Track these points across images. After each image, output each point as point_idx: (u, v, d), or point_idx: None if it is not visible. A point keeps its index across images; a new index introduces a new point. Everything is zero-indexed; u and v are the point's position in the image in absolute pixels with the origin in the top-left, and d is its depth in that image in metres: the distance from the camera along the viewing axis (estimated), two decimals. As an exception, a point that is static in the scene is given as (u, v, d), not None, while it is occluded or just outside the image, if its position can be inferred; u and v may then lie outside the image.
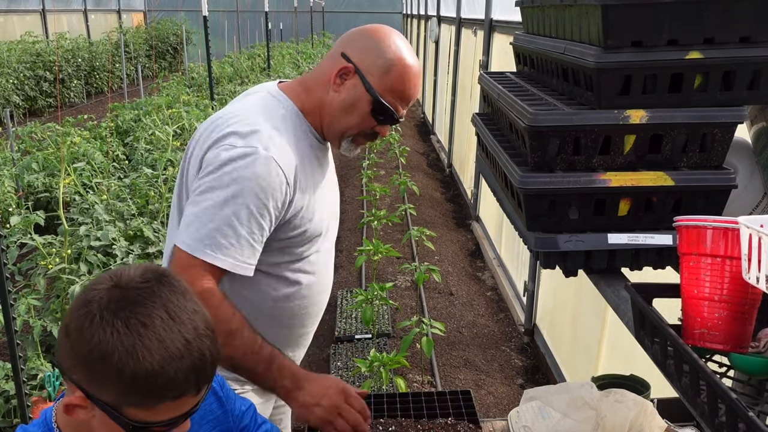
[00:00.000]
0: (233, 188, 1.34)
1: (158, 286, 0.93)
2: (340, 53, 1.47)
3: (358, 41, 1.48)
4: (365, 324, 3.55)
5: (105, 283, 0.92)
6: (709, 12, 1.21)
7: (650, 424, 1.38)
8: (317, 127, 1.52)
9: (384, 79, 1.44)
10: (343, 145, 1.53)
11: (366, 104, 1.45)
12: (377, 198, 5.99)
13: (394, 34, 1.49)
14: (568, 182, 1.28)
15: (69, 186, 4.72)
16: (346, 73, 1.45)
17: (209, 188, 1.35)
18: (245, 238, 1.36)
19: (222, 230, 1.34)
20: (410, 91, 1.48)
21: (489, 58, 5.48)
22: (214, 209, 1.34)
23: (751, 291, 0.97)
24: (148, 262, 0.99)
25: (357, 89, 1.45)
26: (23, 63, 11.98)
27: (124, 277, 0.92)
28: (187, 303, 0.94)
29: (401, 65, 1.45)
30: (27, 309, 3.12)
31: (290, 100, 1.50)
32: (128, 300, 0.90)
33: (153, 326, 0.88)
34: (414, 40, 14.53)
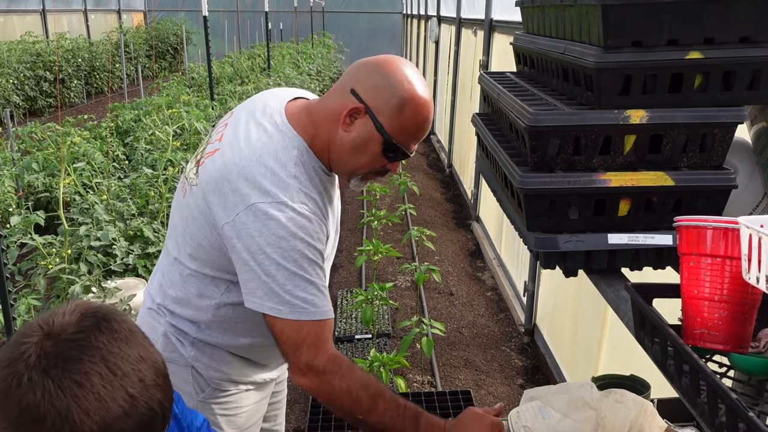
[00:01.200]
0: (284, 245, 1.33)
1: (96, 333, 0.81)
2: (350, 89, 1.41)
3: (369, 77, 1.40)
4: (365, 324, 3.55)
5: (35, 333, 0.80)
6: (709, 12, 1.21)
7: (650, 424, 1.38)
8: (326, 162, 1.48)
9: (396, 119, 1.39)
10: (353, 182, 1.51)
11: (377, 145, 1.41)
12: (377, 198, 5.99)
13: (405, 66, 1.42)
14: (568, 182, 1.28)
15: (69, 186, 4.72)
16: (356, 112, 1.40)
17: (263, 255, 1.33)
18: (320, 284, 1.38)
19: (300, 286, 1.35)
20: (423, 128, 1.43)
21: (489, 58, 5.48)
22: (279, 272, 1.33)
23: (751, 291, 0.97)
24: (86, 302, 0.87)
25: (368, 129, 1.40)
26: (23, 63, 11.98)
27: (57, 325, 0.81)
28: (131, 350, 0.83)
29: (414, 104, 1.39)
30: (27, 309, 3.11)
31: (299, 137, 1.44)
32: (60, 356, 0.78)
33: (90, 385, 0.77)
34: (414, 40, 14.53)
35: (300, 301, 1.35)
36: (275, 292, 1.34)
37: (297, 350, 1.37)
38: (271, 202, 1.33)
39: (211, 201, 1.39)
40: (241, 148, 1.42)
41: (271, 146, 1.41)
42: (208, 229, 1.41)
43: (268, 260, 1.33)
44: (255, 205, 1.33)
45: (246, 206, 1.34)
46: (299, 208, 1.35)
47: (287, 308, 1.35)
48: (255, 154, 1.39)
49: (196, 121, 6.35)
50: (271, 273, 1.33)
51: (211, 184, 1.40)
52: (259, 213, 1.33)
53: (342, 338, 4.05)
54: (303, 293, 1.35)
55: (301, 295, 1.35)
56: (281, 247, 1.33)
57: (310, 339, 1.36)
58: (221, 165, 1.40)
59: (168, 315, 1.53)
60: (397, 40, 20.01)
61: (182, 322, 1.52)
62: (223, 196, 1.37)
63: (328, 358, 1.38)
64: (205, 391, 1.54)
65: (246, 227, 1.34)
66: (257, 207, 1.33)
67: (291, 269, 1.34)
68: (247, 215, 1.33)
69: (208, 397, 1.54)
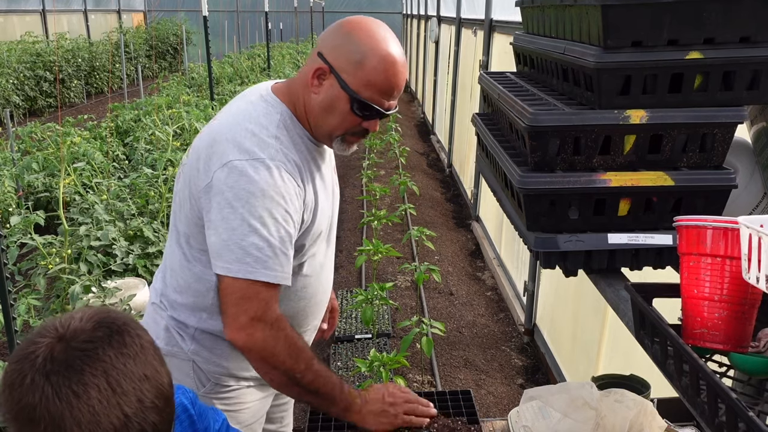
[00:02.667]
0: (253, 202, 1.33)
1: (105, 346, 0.81)
2: (317, 52, 1.43)
3: (332, 37, 1.43)
4: (365, 324, 3.55)
5: (50, 334, 0.81)
6: (709, 12, 1.21)
7: (650, 424, 1.38)
8: (309, 130, 1.49)
9: (359, 74, 1.38)
10: (335, 145, 1.50)
11: (345, 103, 1.40)
12: (377, 198, 5.99)
13: (368, 23, 1.42)
14: (568, 182, 1.28)
15: (69, 186, 4.72)
16: (322, 73, 1.41)
17: (228, 209, 1.34)
18: (278, 248, 1.36)
19: (256, 244, 1.33)
20: (391, 81, 1.40)
21: (489, 58, 5.48)
22: (240, 228, 1.33)
23: (751, 291, 0.97)
24: (107, 309, 0.87)
25: (334, 89, 1.40)
26: (23, 63, 11.98)
27: (71, 330, 0.81)
28: (137, 368, 0.82)
29: (376, 56, 1.37)
30: (27, 309, 3.12)
31: (283, 104, 1.48)
32: (64, 363, 0.78)
33: (87, 397, 0.77)
34: (414, 40, 14.53)
35: (252, 260, 1.33)
36: (230, 248, 1.33)
37: (241, 304, 1.35)
38: (248, 159, 1.34)
39: (197, 171, 1.41)
40: (225, 117, 1.46)
41: (254, 112, 1.44)
42: (194, 201, 1.42)
43: (234, 214, 1.33)
44: (231, 162, 1.34)
45: (222, 164, 1.35)
46: (275, 167, 1.35)
47: (237, 266, 1.33)
48: (237, 119, 1.42)
49: (196, 121, 6.35)
50: (233, 227, 1.33)
51: (195, 155, 1.43)
52: (234, 169, 1.33)
53: (342, 338, 4.05)
54: (258, 252, 1.33)
55: (255, 254, 1.33)
56: (248, 202, 1.32)
57: (259, 297, 1.35)
58: (205, 135, 1.44)
59: (169, 308, 1.54)
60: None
61: (184, 313, 1.51)
62: (206, 161, 1.39)
63: (278, 317, 1.39)
64: (206, 385, 1.54)
65: (219, 183, 1.34)
66: (233, 164, 1.34)
67: (254, 225, 1.32)
68: (222, 172, 1.34)
69: (209, 392, 1.55)
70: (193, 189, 1.42)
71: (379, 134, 8.37)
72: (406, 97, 14.91)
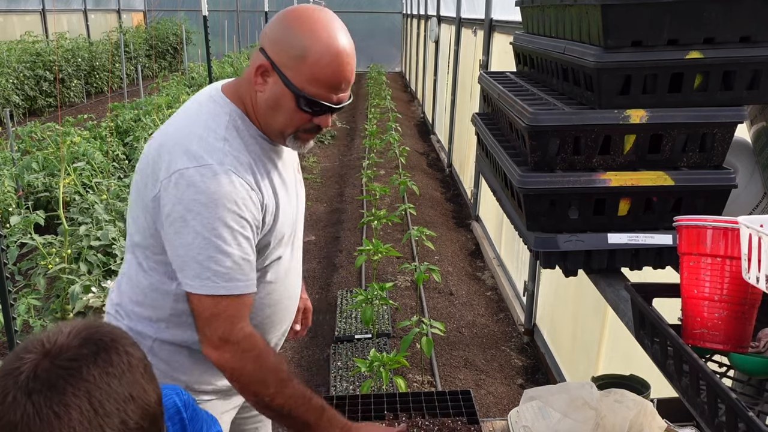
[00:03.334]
0: (205, 213, 1.27)
1: (90, 364, 0.79)
2: (260, 48, 1.36)
3: (273, 32, 1.34)
4: (365, 324, 3.55)
5: (36, 349, 0.79)
6: (709, 12, 1.21)
7: (650, 424, 1.38)
8: (260, 129, 1.43)
9: (302, 70, 1.30)
10: (288, 143, 1.43)
11: (290, 101, 1.33)
12: (377, 198, 5.99)
13: (310, 12, 1.33)
14: (568, 182, 1.28)
15: (69, 186, 4.72)
16: (264, 70, 1.34)
17: (180, 223, 1.29)
18: (239, 256, 1.31)
19: (213, 258, 1.29)
20: (337, 74, 1.31)
21: (489, 57, 5.48)
22: (194, 242, 1.28)
23: (751, 291, 0.97)
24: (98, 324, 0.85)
25: (278, 86, 1.33)
26: (23, 63, 11.98)
27: (57, 345, 0.79)
28: (122, 388, 0.80)
29: (318, 49, 1.29)
30: (27, 309, 3.12)
31: (232, 104, 1.41)
32: (47, 382, 0.76)
33: (68, 418, 0.75)
34: (414, 40, 14.53)
35: (212, 275, 1.29)
36: (189, 264, 1.29)
37: (211, 324, 1.32)
38: (195, 167, 1.28)
39: (147, 180, 1.36)
40: (172, 121, 1.41)
41: (202, 114, 1.38)
42: (147, 212, 1.37)
43: (187, 228, 1.28)
44: (178, 172, 1.29)
45: (170, 173, 1.29)
46: (224, 173, 1.29)
47: (198, 282, 1.29)
48: (185, 123, 1.37)
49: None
50: (188, 242, 1.28)
51: (144, 163, 1.38)
52: (182, 179, 1.28)
53: (342, 338, 4.05)
54: (216, 266, 1.29)
55: (213, 268, 1.29)
56: (200, 214, 1.27)
57: (225, 314, 1.31)
58: (154, 142, 1.39)
59: (126, 318, 1.48)
60: (397, 40, 20.02)
61: (141, 323, 1.46)
62: (154, 170, 1.34)
63: (245, 336, 1.34)
64: None
65: (169, 195, 1.29)
66: (180, 173, 1.28)
67: (208, 238, 1.27)
68: (170, 182, 1.29)
69: None
70: (145, 199, 1.36)
71: (379, 134, 8.38)
72: (406, 97, 14.91)
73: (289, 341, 4.19)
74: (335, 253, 5.60)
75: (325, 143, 10.13)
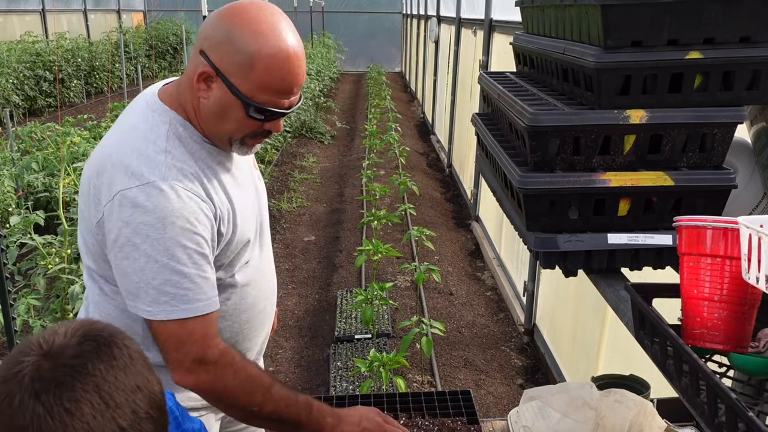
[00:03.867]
0: (153, 236, 1.20)
1: (94, 359, 0.79)
2: (199, 50, 1.25)
3: (213, 33, 1.24)
4: (365, 324, 3.55)
5: (34, 352, 0.78)
6: (709, 12, 1.21)
7: (650, 424, 1.38)
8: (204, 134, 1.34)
9: (250, 77, 1.22)
10: (234, 148, 1.35)
11: (239, 109, 1.25)
12: (377, 198, 5.99)
13: (252, 11, 1.24)
14: (568, 182, 1.28)
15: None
16: (207, 77, 1.24)
17: (130, 248, 1.21)
18: (195, 275, 1.24)
19: (170, 281, 1.21)
20: (287, 79, 1.24)
21: (489, 58, 5.48)
22: (147, 267, 1.20)
23: (750, 291, 0.97)
24: (91, 322, 0.86)
25: (224, 93, 1.24)
26: (23, 63, 11.97)
27: (57, 346, 0.79)
28: (128, 379, 0.80)
29: (266, 56, 1.21)
30: (27, 309, 3.12)
31: (171, 110, 1.31)
32: (54, 381, 0.76)
33: (81, 414, 0.75)
34: (414, 40, 14.54)
35: (170, 298, 1.21)
36: (144, 290, 1.21)
37: (180, 348, 1.24)
38: (138, 186, 1.20)
39: (88, 204, 1.28)
40: (108, 140, 1.32)
41: (140, 126, 1.29)
42: (94, 237, 1.28)
43: (137, 252, 1.20)
44: (121, 193, 1.20)
45: (112, 196, 1.21)
46: (170, 188, 1.21)
47: (156, 308, 1.22)
48: (122, 138, 1.28)
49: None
50: (140, 267, 1.20)
51: (86, 187, 1.29)
52: (125, 201, 1.20)
53: (342, 338, 4.05)
54: (174, 289, 1.21)
55: (171, 292, 1.21)
56: (149, 236, 1.19)
57: (194, 336, 1.24)
58: (92, 161, 1.30)
59: None
60: (396, 40, 20.02)
61: None
62: (96, 194, 1.25)
63: (220, 352, 1.27)
64: None
65: (113, 219, 1.21)
66: (123, 194, 1.20)
67: (162, 261, 1.20)
68: (113, 205, 1.21)
69: None
70: (89, 225, 1.28)
71: (379, 134, 8.38)
72: (406, 97, 14.91)
73: (288, 341, 4.18)
74: (335, 253, 5.60)
75: (325, 143, 10.13)
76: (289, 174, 8.00)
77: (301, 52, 1.27)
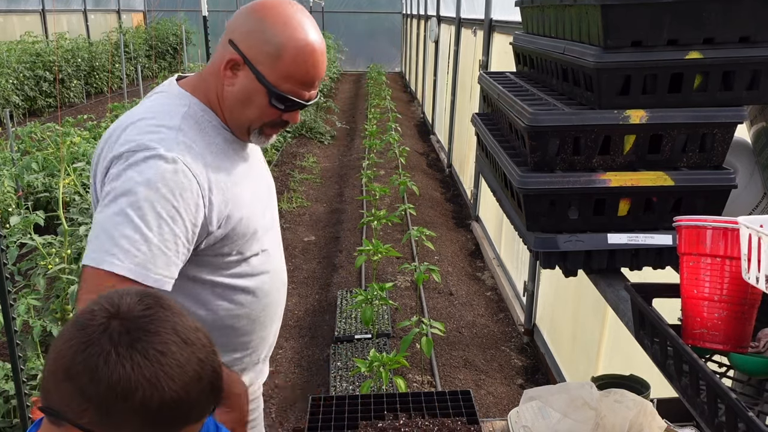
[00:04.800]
0: (136, 193, 1.22)
1: (161, 310, 0.88)
2: (228, 39, 1.33)
3: (244, 24, 1.33)
4: (365, 324, 3.55)
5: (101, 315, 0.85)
6: (709, 12, 1.21)
7: (650, 424, 1.38)
8: (224, 121, 1.41)
9: (277, 67, 1.30)
10: (252, 138, 1.42)
11: (262, 96, 1.33)
12: (377, 198, 5.99)
13: (282, 6, 1.33)
14: (568, 182, 1.28)
15: (69, 186, 4.72)
16: (235, 64, 1.32)
17: (113, 198, 1.23)
18: (156, 245, 1.22)
19: (129, 237, 1.20)
20: (311, 72, 1.33)
21: (489, 58, 5.48)
22: (119, 217, 1.21)
23: (750, 291, 0.97)
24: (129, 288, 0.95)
25: (250, 81, 1.32)
26: (23, 63, 11.97)
27: (124, 306, 0.87)
28: (189, 321, 0.90)
29: (294, 47, 1.30)
30: (27, 309, 3.12)
31: (192, 96, 1.38)
32: (141, 330, 0.85)
33: (171, 353, 0.85)
34: (414, 40, 14.53)
35: (119, 251, 1.19)
36: (99, 237, 1.21)
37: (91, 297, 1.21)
38: (142, 151, 1.25)
39: (96, 172, 1.33)
40: (126, 114, 1.37)
41: (156, 106, 1.36)
42: None
43: (114, 205, 1.22)
44: (124, 155, 1.26)
45: (117, 156, 1.26)
46: (171, 159, 1.25)
47: (102, 255, 1.19)
48: (139, 113, 1.34)
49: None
50: (108, 216, 1.22)
51: (96, 154, 1.35)
52: (126, 162, 1.25)
53: (342, 338, 4.05)
54: (128, 245, 1.19)
55: (125, 247, 1.19)
56: (132, 193, 1.22)
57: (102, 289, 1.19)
58: (105, 134, 1.35)
59: None
60: (396, 40, 20.02)
61: None
62: (103, 162, 1.30)
63: None
64: None
65: (110, 180, 1.25)
66: (126, 155, 1.25)
67: (129, 215, 1.20)
68: (115, 168, 1.26)
69: None
70: (98, 195, 1.32)
71: (379, 134, 8.38)
72: (406, 97, 14.91)
73: (288, 341, 4.18)
74: (335, 253, 5.60)
75: (325, 143, 10.13)
76: (289, 174, 8.00)
77: (323, 49, 1.36)
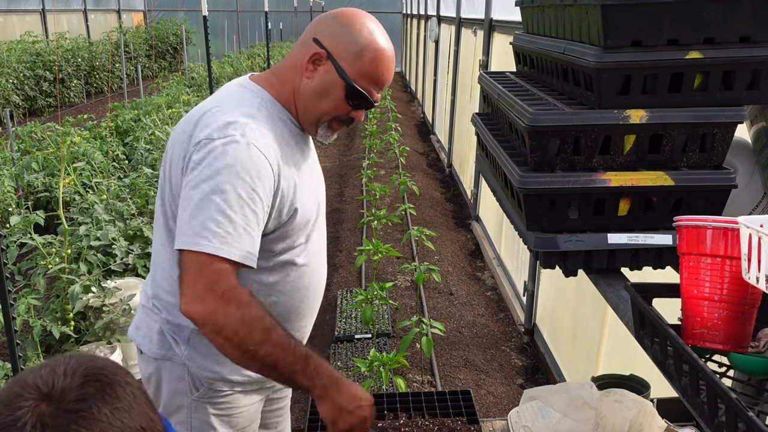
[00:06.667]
0: (218, 178, 1.32)
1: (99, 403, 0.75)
2: (312, 38, 1.46)
3: (330, 26, 1.47)
4: (365, 324, 3.55)
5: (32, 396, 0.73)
6: (708, 12, 1.21)
7: (650, 424, 1.38)
8: (294, 115, 1.52)
9: (357, 64, 1.44)
10: (320, 131, 1.53)
11: (340, 90, 1.45)
12: (377, 198, 5.99)
13: (365, 17, 1.48)
14: (568, 182, 1.28)
15: (69, 186, 4.73)
16: (318, 58, 1.45)
17: (195, 185, 1.34)
18: (241, 225, 1.32)
19: (215, 219, 1.30)
20: (384, 75, 1.47)
21: (489, 57, 5.48)
22: (201, 202, 1.31)
23: (750, 291, 0.97)
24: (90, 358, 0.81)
25: (330, 75, 1.45)
26: (23, 63, 11.97)
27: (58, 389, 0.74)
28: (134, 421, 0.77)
29: (374, 50, 1.44)
30: (27, 309, 3.12)
31: (264, 90, 1.50)
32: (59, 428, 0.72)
33: None
34: (414, 40, 14.53)
35: (209, 234, 1.30)
36: (189, 223, 1.32)
37: (198, 278, 1.30)
38: (220, 137, 1.35)
39: (174, 161, 1.42)
40: (201, 105, 1.48)
41: (232, 97, 1.47)
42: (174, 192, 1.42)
43: (197, 190, 1.32)
44: (202, 141, 1.36)
45: (196, 143, 1.36)
46: (246, 145, 1.35)
47: (193, 240, 1.30)
48: (214, 101, 1.46)
49: (195, 121, 6.34)
50: (195, 202, 1.32)
51: (171, 147, 1.45)
52: (205, 148, 1.35)
53: (342, 338, 4.05)
54: (216, 227, 1.30)
55: (213, 229, 1.30)
56: (213, 179, 1.32)
57: (212, 270, 1.30)
58: (181, 123, 1.46)
59: (163, 311, 1.50)
60: (397, 40, 20.02)
61: (179, 315, 1.43)
62: (183, 148, 1.40)
63: (230, 286, 1.31)
64: (200, 390, 1.52)
65: (191, 165, 1.35)
66: (204, 142, 1.35)
67: (214, 200, 1.31)
68: (196, 153, 1.36)
69: (202, 396, 1.53)
70: (174, 180, 1.42)
71: (379, 134, 8.38)
72: (406, 97, 14.91)
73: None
74: (335, 253, 5.60)
75: (325, 143, 10.12)
76: (289, 174, 7.98)
77: (394, 58, 1.50)
